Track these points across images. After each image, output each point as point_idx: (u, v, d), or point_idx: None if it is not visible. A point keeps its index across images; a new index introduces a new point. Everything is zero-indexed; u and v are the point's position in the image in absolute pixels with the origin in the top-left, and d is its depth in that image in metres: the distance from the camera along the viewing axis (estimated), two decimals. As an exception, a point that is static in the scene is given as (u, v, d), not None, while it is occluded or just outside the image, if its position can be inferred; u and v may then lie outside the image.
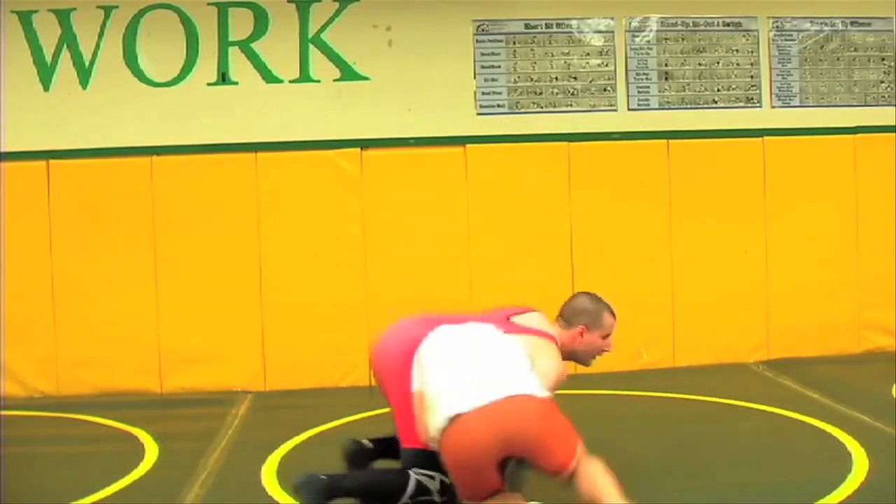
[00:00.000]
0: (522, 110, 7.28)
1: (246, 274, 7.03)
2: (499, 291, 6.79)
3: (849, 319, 7.48)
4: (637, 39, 7.36)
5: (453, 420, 3.66)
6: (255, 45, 7.06)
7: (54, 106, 6.94)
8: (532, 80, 7.29)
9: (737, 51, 7.43)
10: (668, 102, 7.39)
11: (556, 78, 7.31)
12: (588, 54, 7.33)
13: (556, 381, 4.01)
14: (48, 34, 6.94)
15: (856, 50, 7.52)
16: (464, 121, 7.22)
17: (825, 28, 7.48)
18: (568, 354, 4.33)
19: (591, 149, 7.27)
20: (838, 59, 7.51)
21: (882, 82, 7.54)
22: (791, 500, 4.38)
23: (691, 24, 7.40)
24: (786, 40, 7.46)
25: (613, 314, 4.43)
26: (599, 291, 7.06)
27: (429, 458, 3.95)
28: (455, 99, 7.20)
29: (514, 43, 7.27)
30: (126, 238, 6.96)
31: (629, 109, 7.35)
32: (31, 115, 6.92)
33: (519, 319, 4.31)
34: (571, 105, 7.31)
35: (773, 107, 7.46)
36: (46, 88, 6.96)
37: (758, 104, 7.45)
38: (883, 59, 7.54)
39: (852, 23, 7.50)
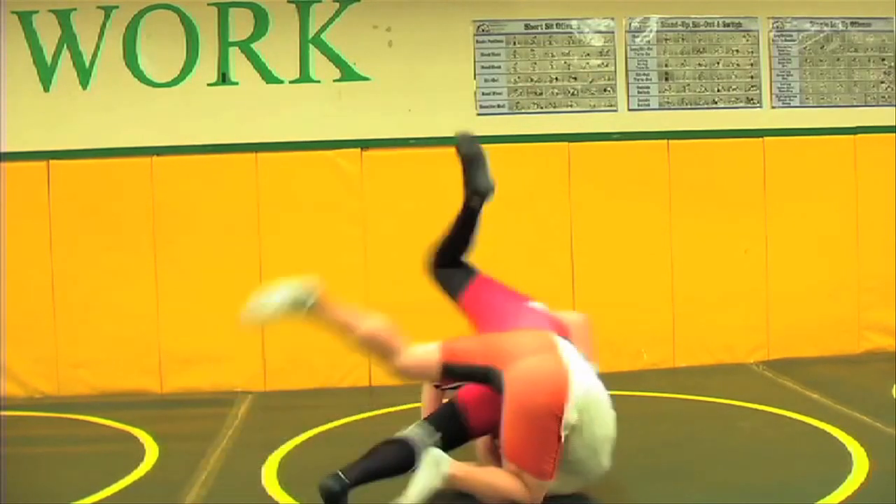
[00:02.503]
0: (522, 110, 7.28)
1: (246, 274, 7.00)
2: (499, 291, 6.79)
3: (849, 319, 7.48)
4: (637, 40, 7.36)
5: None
6: (255, 46, 7.06)
7: (54, 106, 6.95)
8: (532, 80, 7.29)
9: (737, 51, 7.43)
10: (668, 103, 7.39)
11: (556, 78, 7.31)
12: (588, 55, 7.33)
13: None
14: (48, 34, 6.94)
15: (856, 50, 7.51)
16: (464, 121, 7.15)
17: (825, 28, 7.48)
18: None
19: (591, 149, 7.27)
20: (838, 59, 7.51)
21: (882, 82, 7.54)
22: (791, 500, 4.38)
23: (691, 25, 7.40)
24: (786, 40, 7.46)
25: None
26: (599, 291, 7.19)
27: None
28: (455, 99, 7.20)
29: (514, 43, 7.27)
30: (126, 238, 6.96)
31: (629, 110, 7.35)
32: (31, 116, 6.92)
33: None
34: (571, 105, 7.31)
35: (773, 107, 7.46)
36: (46, 89, 6.96)
37: (758, 104, 7.45)
38: (883, 59, 7.54)
39: (852, 23, 7.50)
